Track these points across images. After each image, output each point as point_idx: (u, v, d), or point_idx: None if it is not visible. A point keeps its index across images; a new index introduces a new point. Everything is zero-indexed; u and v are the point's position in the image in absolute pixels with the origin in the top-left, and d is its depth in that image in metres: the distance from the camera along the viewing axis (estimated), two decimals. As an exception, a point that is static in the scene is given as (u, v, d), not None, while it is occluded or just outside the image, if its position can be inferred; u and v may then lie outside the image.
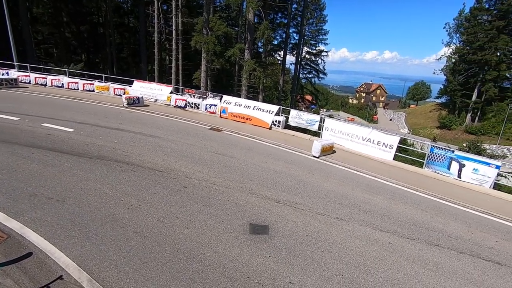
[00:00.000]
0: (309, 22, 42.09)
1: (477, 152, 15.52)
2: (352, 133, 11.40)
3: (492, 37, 46.24)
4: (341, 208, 6.27)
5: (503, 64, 47.47)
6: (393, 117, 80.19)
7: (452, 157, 9.41)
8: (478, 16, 49.64)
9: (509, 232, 6.56)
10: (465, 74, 51.44)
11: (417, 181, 8.81)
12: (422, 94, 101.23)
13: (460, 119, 53.48)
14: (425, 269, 4.61)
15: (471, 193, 8.59)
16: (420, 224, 6.10)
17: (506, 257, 5.36)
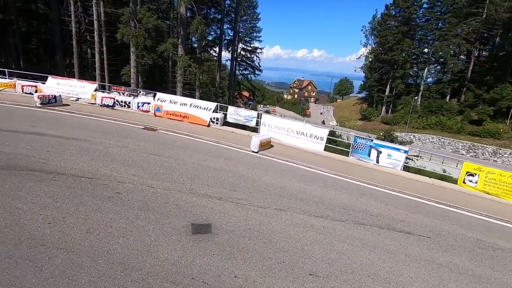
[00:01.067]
0: (243, 19, 42.62)
1: (390, 140, 18.09)
2: (287, 128, 12.04)
3: (399, 40, 53.79)
4: (280, 199, 6.62)
5: (407, 64, 55.76)
6: (323, 111, 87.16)
7: (371, 145, 10.73)
8: (387, 21, 57.13)
9: (416, 206, 7.83)
10: (380, 72, 58.88)
11: (345, 169, 9.83)
12: (347, 90, 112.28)
13: (378, 111, 61.09)
14: (353, 246, 5.21)
15: (387, 176, 9.97)
16: (348, 207, 6.85)
17: (414, 227, 6.40)
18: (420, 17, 56.80)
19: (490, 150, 39.98)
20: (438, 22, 53.84)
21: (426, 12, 55.39)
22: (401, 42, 53.86)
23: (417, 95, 55.44)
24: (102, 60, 24.95)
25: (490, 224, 7.61)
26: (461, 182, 10.09)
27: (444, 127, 46.74)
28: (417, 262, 5.07)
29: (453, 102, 51.19)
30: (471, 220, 7.62)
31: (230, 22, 36.70)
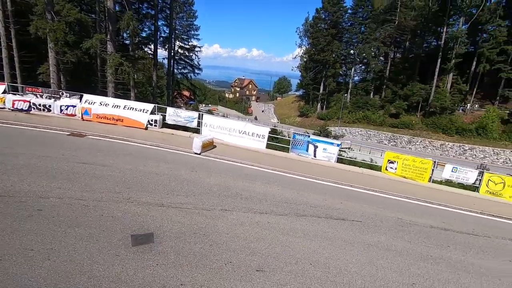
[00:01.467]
0: (179, 16, 41.16)
1: (326, 135, 19.62)
2: (229, 127, 12.09)
3: (329, 42, 58.36)
4: (225, 199, 6.64)
5: (337, 64, 60.94)
6: (265, 109, 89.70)
7: (308, 141, 11.47)
8: (318, 24, 61.43)
9: (348, 194, 8.65)
10: (314, 71, 63.10)
11: (286, 164, 10.31)
12: (285, 88, 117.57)
13: (314, 108, 65.47)
14: (296, 237, 5.52)
15: (323, 168, 10.78)
16: (290, 200, 7.22)
17: (347, 214, 7.07)
18: (346, 22, 62.58)
19: (406, 139, 46.27)
20: (360, 26, 60.03)
21: (351, 17, 61.28)
22: (331, 43, 58.55)
23: (346, 93, 61.02)
24: (11, 56, 21.47)
25: (407, 204, 8.85)
26: (384, 169, 11.49)
27: (370, 121, 52.43)
28: (351, 245, 5.62)
29: (376, 98, 57.76)
30: (393, 202, 8.75)
31: (165, 18, 35.08)
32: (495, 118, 41.25)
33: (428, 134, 45.56)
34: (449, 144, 42.59)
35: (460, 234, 7.22)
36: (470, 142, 41.49)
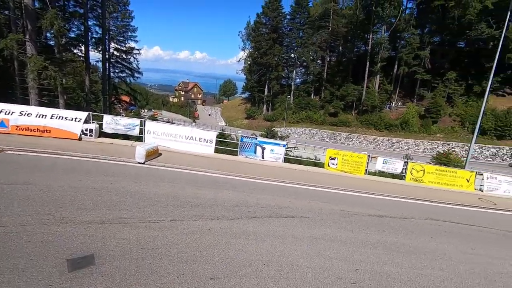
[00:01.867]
0: (113, 16, 38.32)
1: (272, 136, 20.25)
2: (175, 133, 11.67)
3: (270, 45, 60.41)
4: (174, 209, 6.39)
5: (279, 67, 63.41)
6: (211, 112, 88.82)
7: (256, 143, 11.71)
8: (260, 28, 63.15)
9: (296, 191, 9.06)
10: (258, 74, 64.67)
11: (235, 168, 10.36)
12: (231, 91, 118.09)
13: (260, 110, 67.03)
14: (249, 240, 5.58)
15: (271, 169, 11.11)
16: (241, 203, 7.27)
17: (296, 211, 7.40)
18: (285, 27, 65.58)
19: (344, 136, 50.31)
20: (299, 31, 63.50)
21: (290, 23, 64.39)
22: (273, 47, 60.72)
23: (290, 94, 63.90)
24: None
25: (348, 196, 9.63)
26: (327, 166, 12.33)
27: (312, 120, 55.72)
28: (301, 241, 5.90)
29: (316, 99, 61.71)
30: (336, 196, 9.44)
31: (97, 18, 32.29)
32: (414, 114, 47.48)
33: (363, 130, 50.30)
34: (380, 138, 47.62)
35: (392, 219, 8.13)
36: (397, 135, 47.01)
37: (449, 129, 45.26)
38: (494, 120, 41.17)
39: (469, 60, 47.38)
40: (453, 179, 13.30)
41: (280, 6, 61.98)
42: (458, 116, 45.61)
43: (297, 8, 62.40)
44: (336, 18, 56.65)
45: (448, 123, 46.17)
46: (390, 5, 48.53)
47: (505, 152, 39.99)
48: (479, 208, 11.10)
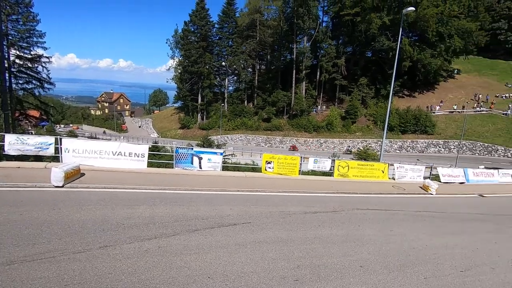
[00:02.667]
0: (12, 19, 32.88)
1: (209, 144, 19.98)
2: (100, 150, 10.58)
3: (201, 54, 59.98)
4: (104, 234, 5.76)
5: (211, 75, 63.31)
6: (142, 124, 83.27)
7: (192, 153, 11.41)
8: (189, 36, 62.17)
9: (235, 199, 9.11)
10: (190, 82, 63.36)
11: (171, 181, 9.90)
12: (162, 100, 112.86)
13: (194, 119, 65.61)
14: (191, 255, 5.37)
15: (210, 178, 10.96)
16: (180, 218, 6.97)
17: (237, 218, 7.43)
18: (215, 35, 65.98)
19: (278, 140, 52.79)
20: (228, 40, 64.59)
21: (218, 31, 65.02)
22: (203, 56, 60.40)
23: (223, 102, 64.26)
24: None
25: (286, 197, 10.11)
26: (264, 170, 12.74)
27: (247, 127, 57.02)
28: (244, 247, 5.94)
29: (250, 106, 63.47)
30: (275, 198, 9.81)
31: (-11, 20, 27.22)
32: (337, 116, 52.77)
33: (294, 133, 53.62)
34: (310, 140, 51.44)
35: (325, 213, 8.84)
36: (324, 136, 51.45)
37: (366, 127, 51.61)
38: (398, 118, 48.54)
39: (376, 67, 55.12)
40: (372, 171, 15.18)
41: (208, 15, 62.19)
42: (372, 116, 52.40)
43: (224, 18, 63.50)
44: (262, 29, 59.55)
45: (364, 122, 52.63)
46: (309, 18, 53.33)
47: (408, 144, 47.48)
48: (393, 194, 12.90)
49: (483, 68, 62.44)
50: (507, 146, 42.50)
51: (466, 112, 48.62)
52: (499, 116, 48.52)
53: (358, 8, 49.90)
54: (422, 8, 45.35)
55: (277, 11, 57.42)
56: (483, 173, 18.83)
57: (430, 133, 47.55)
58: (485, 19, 58.58)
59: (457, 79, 59.89)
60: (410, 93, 56.50)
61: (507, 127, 46.05)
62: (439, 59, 51.38)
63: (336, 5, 55.51)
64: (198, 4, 61.32)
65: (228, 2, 62.84)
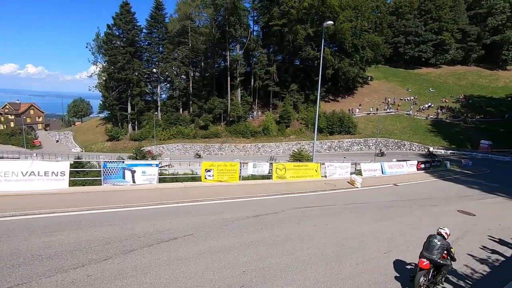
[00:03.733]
0: None
1: (142, 156, 18.67)
2: (5, 171, 8.92)
3: (128, 60, 55.99)
4: (14, 271, 4.84)
5: (142, 82, 59.57)
6: (60, 138, 73.29)
7: (124, 167, 10.50)
8: (113, 41, 57.46)
9: (175, 211, 8.70)
10: (117, 90, 58.41)
11: (101, 199, 8.93)
12: (84, 111, 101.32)
13: (124, 129, 60.60)
14: (128, 279, 4.90)
15: (146, 192, 10.23)
16: (113, 239, 6.31)
17: (178, 231, 7.08)
18: (143, 40, 62.43)
19: (217, 147, 52.45)
20: (158, 46, 61.83)
21: (147, 37, 61.75)
22: (131, 62, 56.51)
23: (157, 111, 61.00)
24: None
25: (228, 204, 10.06)
26: (204, 178, 12.48)
27: (184, 135, 55.24)
28: (187, 261, 5.69)
29: (186, 114, 61.66)
30: (217, 206, 9.67)
31: None
32: (272, 121, 55.06)
33: (233, 139, 54.01)
34: (248, 145, 52.45)
35: (267, 215, 9.09)
36: (261, 141, 53.08)
37: (299, 131, 55.05)
38: (326, 121, 53.16)
39: (304, 74, 59.51)
40: (306, 171, 16.24)
41: (134, 19, 58.52)
42: (303, 120, 56.20)
43: (153, 23, 60.62)
44: (194, 35, 58.70)
45: (297, 126, 56.09)
46: (240, 26, 54.72)
47: (336, 144, 52.34)
48: (326, 190, 14.01)
49: (390, 75, 73.06)
50: (411, 141, 50.52)
51: (379, 113, 56.12)
52: (404, 116, 57.34)
53: (285, 20, 53.31)
54: (339, 23, 50.91)
55: (209, 19, 57.44)
56: (395, 165, 21.90)
57: (353, 133, 53.31)
58: (388, 34, 69.00)
59: (370, 85, 68.68)
60: (334, 98, 62.53)
61: (410, 125, 54.70)
62: (356, 67, 58.32)
63: (265, 16, 58.27)
64: (123, 7, 57.31)
65: (157, 7, 60.30)
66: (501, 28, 70.17)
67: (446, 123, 55.24)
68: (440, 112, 58.30)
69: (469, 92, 64.98)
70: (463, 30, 73.08)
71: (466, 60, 75.91)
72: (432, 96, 64.66)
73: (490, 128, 51.90)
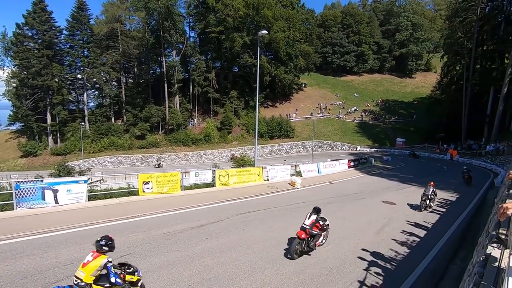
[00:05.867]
0: None
1: (67, 172, 16.51)
2: None
3: (46, 64, 49.32)
4: None
5: (64, 89, 53.02)
6: (-45, 157, 60.28)
7: (43, 186, 9.15)
8: (25, 42, 49.99)
9: (109, 230, 7.88)
10: (33, 99, 50.81)
11: (13, 226, 7.61)
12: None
13: (43, 143, 52.84)
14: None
15: (72, 213, 9.08)
16: (31, 272, 5.43)
17: (114, 253, 6.43)
18: (64, 43, 55.90)
19: (155, 157, 49.67)
20: (83, 50, 56.06)
21: (69, 39, 55.49)
22: (49, 66, 49.92)
23: (84, 120, 54.96)
24: None
25: (169, 217, 9.56)
26: (142, 192, 11.65)
27: (118, 146, 50.87)
28: (124, 284, 5.19)
29: (119, 123, 56.91)
30: (157, 220, 9.10)
31: None
32: (213, 128, 54.62)
33: (173, 148, 51.79)
34: (189, 153, 50.93)
35: (212, 224, 8.91)
36: (203, 148, 52.10)
37: (240, 136, 55.62)
38: (266, 126, 54.94)
39: (243, 81, 60.62)
40: (249, 176, 16.48)
41: (51, 18, 51.81)
42: (244, 126, 57.02)
43: (75, 24, 54.62)
44: (125, 39, 54.75)
45: (238, 131, 56.61)
46: (175, 32, 53.11)
47: (276, 148, 54.44)
48: (269, 194, 14.40)
49: (321, 82, 79.42)
50: (342, 141, 55.69)
51: (313, 117, 60.45)
52: (335, 119, 62.87)
53: (222, 27, 53.69)
54: (274, 32, 53.47)
55: (141, 22, 54.33)
56: (329, 164, 23.76)
57: (291, 137, 56.18)
58: (317, 45, 75.15)
59: (305, 91, 73.54)
60: (273, 104, 65.10)
61: (340, 127, 60.25)
62: (290, 74, 61.84)
63: (201, 22, 57.76)
64: (36, 5, 50.34)
65: (79, 7, 54.66)
66: (406, 43, 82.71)
67: (369, 124, 62.40)
68: (364, 114, 65.65)
69: (385, 96, 74.65)
70: (378, 43, 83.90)
71: (382, 69, 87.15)
72: (357, 101, 72.35)
73: (403, 128, 60.41)
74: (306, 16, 72.24)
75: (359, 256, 7.15)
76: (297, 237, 6.73)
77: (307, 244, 6.85)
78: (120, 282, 4.22)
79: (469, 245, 7.85)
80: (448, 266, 7.03)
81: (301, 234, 6.72)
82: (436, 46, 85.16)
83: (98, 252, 4.26)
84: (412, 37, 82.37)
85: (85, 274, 4.07)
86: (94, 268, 4.10)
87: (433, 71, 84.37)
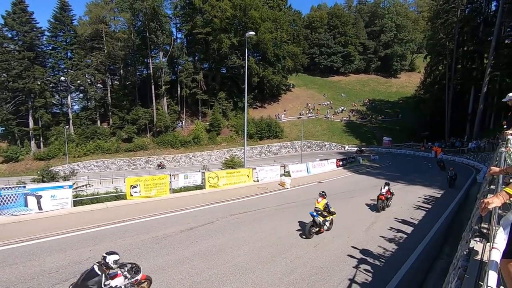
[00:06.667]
0: None
1: (51, 178, 16.02)
2: None
3: (27, 66, 47.79)
4: None
5: (46, 92, 51.48)
6: None
7: (25, 192, 8.86)
8: (4, 44, 48.29)
9: (96, 236, 7.72)
10: (13, 102, 49.11)
11: (-6, 235, 7.32)
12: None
13: (26, 148, 51.11)
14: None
15: (57, 220, 8.82)
16: (13, 281, 5.24)
17: (100, 258, 6.28)
18: (46, 45, 54.32)
19: (144, 160, 48.93)
20: (66, 51, 54.65)
21: (51, 40, 53.97)
22: (31, 69, 48.39)
23: (68, 124, 53.57)
24: None
25: (157, 220, 9.42)
26: (129, 196, 11.45)
27: (104, 150, 49.81)
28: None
29: (105, 126, 55.74)
30: (146, 224, 8.95)
31: None
32: (202, 129, 54.25)
33: (161, 151, 51.09)
34: (178, 155, 50.36)
35: (202, 226, 8.84)
36: (192, 150, 51.64)
37: (230, 138, 55.43)
38: (255, 127, 54.99)
39: (231, 82, 60.48)
40: (239, 177, 16.44)
41: (32, 19, 50.22)
42: (233, 127, 56.87)
43: (58, 25, 53.15)
44: (110, 41, 53.74)
45: (227, 133, 56.41)
46: (162, 33, 52.53)
47: (266, 149, 54.55)
48: (259, 194, 14.40)
49: (309, 83, 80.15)
50: (331, 141, 56.34)
51: (302, 118, 60.88)
52: (323, 119, 63.53)
53: (209, 28, 53.41)
54: (261, 33, 53.61)
55: (126, 24, 53.43)
56: (318, 164, 23.98)
57: (280, 137, 56.39)
58: (304, 46, 75.79)
59: (293, 91, 74.03)
60: (261, 104, 65.21)
61: (328, 127, 60.92)
62: (278, 75, 62.11)
63: (188, 23, 57.31)
64: (16, 5, 48.72)
65: (62, 7, 53.24)
66: (391, 43, 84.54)
67: (357, 124, 63.39)
68: (351, 114, 66.65)
69: (372, 96, 76.03)
70: (364, 44, 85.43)
71: (368, 69, 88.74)
72: (344, 101, 73.37)
73: (389, 127, 61.66)
74: (293, 17, 72.88)
75: (349, 254, 7.24)
76: (378, 199, 11.61)
77: (387, 204, 11.96)
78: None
79: (454, 240, 8.08)
80: (435, 261, 7.21)
81: (381, 197, 11.55)
82: (419, 46, 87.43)
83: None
84: (396, 38, 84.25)
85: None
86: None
87: (417, 71, 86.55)
